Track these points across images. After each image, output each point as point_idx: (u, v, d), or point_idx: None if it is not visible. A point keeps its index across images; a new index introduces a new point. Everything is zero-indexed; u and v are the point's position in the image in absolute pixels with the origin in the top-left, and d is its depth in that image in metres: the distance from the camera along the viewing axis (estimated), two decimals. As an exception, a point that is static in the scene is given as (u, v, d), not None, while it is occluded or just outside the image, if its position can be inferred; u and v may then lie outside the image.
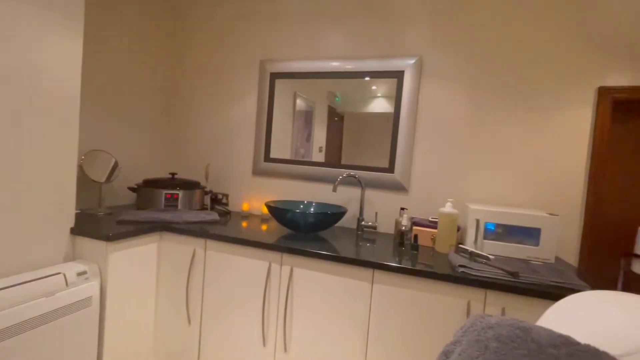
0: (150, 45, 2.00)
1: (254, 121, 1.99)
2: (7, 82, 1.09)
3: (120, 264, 1.34)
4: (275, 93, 1.94)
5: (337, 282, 1.25)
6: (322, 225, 1.49)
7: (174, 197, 1.73)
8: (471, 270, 1.11)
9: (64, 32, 1.24)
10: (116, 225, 1.39)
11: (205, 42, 2.10)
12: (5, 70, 1.08)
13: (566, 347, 0.27)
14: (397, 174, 1.70)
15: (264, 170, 1.96)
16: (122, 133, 1.87)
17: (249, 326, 1.38)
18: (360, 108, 1.78)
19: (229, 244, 1.40)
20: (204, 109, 2.11)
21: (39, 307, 1.08)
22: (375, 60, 1.73)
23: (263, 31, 1.96)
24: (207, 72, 2.10)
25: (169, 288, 1.51)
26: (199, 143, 2.12)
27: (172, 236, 1.50)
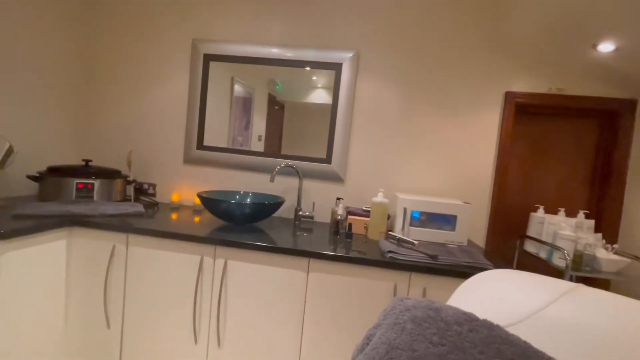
0: (57, 14, 1.69)
1: (186, 105, 1.84)
2: None
3: (16, 266, 1.14)
4: (210, 76, 1.81)
5: (274, 273, 1.25)
6: (259, 216, 1.46)
7: (87, 187, 1.52)
8: (398, 255, 1.20)
9: None
10: (12, 221, 1.18)
11: (126, 13, 1.86)
12: None
13: (468, 323, 0.31)
14: (334, 165, 1.74)
15: (197, 159, 1.83)
16: (18, 113, 1.57)
17: (179, 324, 1.30)
18: (301, 98, 1.77)
19: (156, 238, 1.29)
20: (126, 90, 1.88)
21: None
22: (315, 50, 1.72)
23: (197, 7, 1.81)
24: (128, 48, 1.87)
25: (83, 290, 1.34)
26: (120, 127, 1.89)
27: (86, 231, 1.33)
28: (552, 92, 1.61)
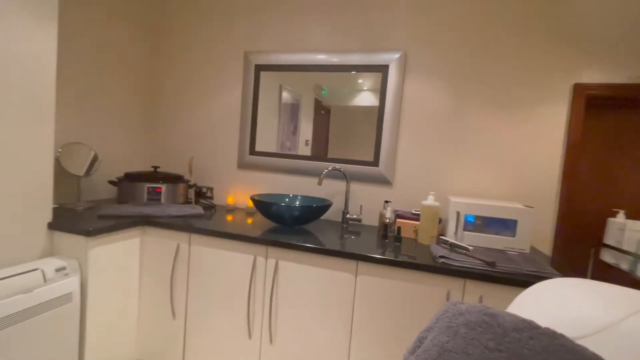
0: (128, 37, 1.93)
1: (239, 114, 1.97)
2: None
3: (101, 260, 1.32)
4: (261, 85, 1.92)
5: (322, 274, 1.27)
6: (307, 219, 1.50)
7: (156, 190, 1.70)
8: (451, 261, 1.15)
9: (36, 24, 1.18)
10: (97, 220, 1.36)
11: (186, 33, 2.05)
12: (-26, 59, 1.03)
13: (528, 330, 0.29)
14: (381, 167, 1.72)
15: (249, 164, 1.94)
16: (101, 126, 1.82)
17: (235, 319, 1.38)
18: (347, 101, 1.79)
19: (214, 237, 1.40)
20: (187, 102, 2.07)
21: (17, 304, 1.05)
22: (361, 54, 1.73)
23: (247, 22, 1.93)
24: (189, 64, 2.05)
25: (153, 283, 1.49)
26: (182, 136, 2.08)
27: (155, 230, 1.48)
28: (632, 82, 1.42)
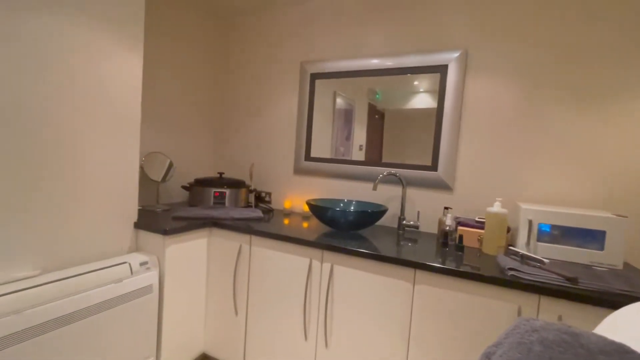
0: (197, 56, 2.15)
1: (295, 121, 2.04)
2: (79, 93, 1.24)
3: (175, 256, 1.47)
4: (316, 93, 1.97)
5: (378, 281, 1.25)
6: (362, 224, 1.49)
7: (222, 195, 1.84)
8: (522, 274, 1.04)
9: (125, 49, 1.38)
10: (172, 221, 1.52)
11: (247, 47, 2.20)
12: (79, 83, 1.24)
13: (618, 354, 0.25)
14: (440, 172, 1.64)
15: (305, 169, 2.00)
16: (176, 137, 2.04)
17: (292, 320, 1.43)
18: (402, 104, 1.75)
19: (272, 240, 1.47)
20: (248, 113, 2.21)
21: (110, 292, 1.22)
22: (417, 55, 1.68)
23: (302, 34, 2.01)
24: (249, 78, 2.20)
25: (218, 280, 1.61)
26: (244, 144, 2.23)
27: (221, 232, 1.60)
28: None
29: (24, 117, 1.09)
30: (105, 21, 1.29)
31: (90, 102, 1.27)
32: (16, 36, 1.05)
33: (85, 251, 1.29)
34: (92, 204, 1.31)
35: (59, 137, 1.18)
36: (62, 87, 1.18)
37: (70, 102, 1.21)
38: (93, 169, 1.30)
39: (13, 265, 1.09)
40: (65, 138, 1.20)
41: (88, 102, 1.26)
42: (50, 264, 1.19)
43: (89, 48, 1.25)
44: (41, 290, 1.05)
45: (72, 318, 1.10)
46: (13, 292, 0.99)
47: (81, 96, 1.24)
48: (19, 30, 1.06)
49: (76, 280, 1.14)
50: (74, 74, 1.21)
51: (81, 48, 1.22)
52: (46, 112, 1.14)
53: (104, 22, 1.29)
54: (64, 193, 1.21)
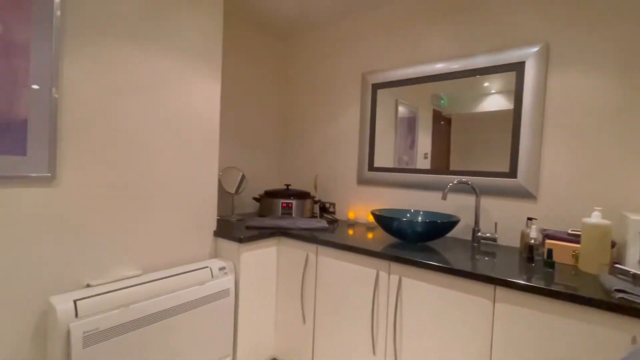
0: (264, 74, 2.32)
1: (358, 132, 2.06)
2: (168, 117, 1.44)
3: (249, 263, 1.57)
4: (377, 103, 1.97)
5: (451, 296, 1.17)
6: (431, 235, 1.42)
7: (289, 206, 1.93)
8: (636, 298, 0.88)
9: (208, 79, 1.56)
10: (245, 230, 1.64)
11: (309, 63, 2.31)
12: (167, 107, 1.43)
13: None
14: (520, 179, 1.49)
15: (369, 179, 1.99)
16: (248, 152, 2.21)
17: (359, 332, 1.40)
18: (470, 108, 1.64)
19: (338, 250, 1.48)
20: (311, 125, 2.30)
21: (195, 293, 1.35)
22: (487, 55, 1.57)
23: (362, 45, 2.03)
24: (312, 92, 2.29)
25: (287, 287, 1.68)
26: (308, 156, 2.31)
27: (288, 241, 1.67)
28: None
29: (127, 140, 1.30)
30: (189, 53, 1.48)
31: (178, 125, 1.46)
32: (115, 65, 1.27)
33: (174, 255, 1.46)
34: (180, 215, 1.48)
35: (153, 159, 1.38)
36: (153, 110, 1.38)
37: (160, 125, 1.40)
38: (180, 184, 1.48)
39: (122, 265, 1.29)
40: (159, 159, 1.39)
41: (175, 124, 1.45)
42: (149, 266, 1.37)
43: (175, 76, 1.44)
44: (142, 288, 1.21)
45: (165, 314, 1.25)
46: (122, 288, 1.17)
47: (169, 120, 1.43)
48: (117, 61, 1.28)
49: (168, 280, 1.30)
50: (163, 99, 1.41)
51: (170, 76, 1.42)
52: (138, 133, 1.34)
53: (188, 54, 1.48)
54: (159, 205, 1.40)
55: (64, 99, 1.12)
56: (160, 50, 1.37)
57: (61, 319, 1.00)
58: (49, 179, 1.09)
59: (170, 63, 1.41)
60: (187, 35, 1.47)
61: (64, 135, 1.12)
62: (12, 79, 1.00)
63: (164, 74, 1.39)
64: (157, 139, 1.38)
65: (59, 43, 1.09)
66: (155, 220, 1.39)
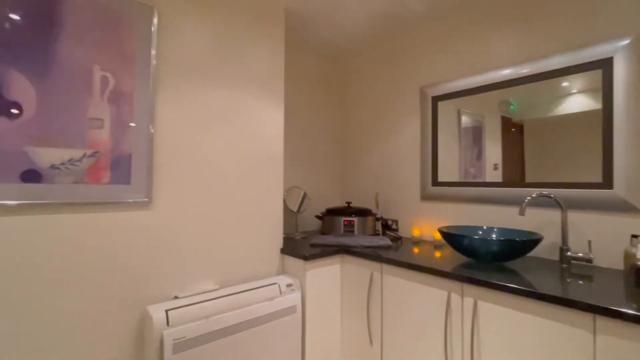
0: (323, 98, 2.41)
1: (419, 147, 2.01)
2: (238, 142, 1.57)
3: (314, 280, 1.60)
4: (438, 115, 1.90)
5: (540, 325, 1.04)
6: (508, 255, 1.29)
7: (351, 223, 1.94)
8: None
9: (272, 106, 1.69)
10: (310, 248, 1.68)
11: (364, 81, 2.34)
12: (238, 135, 1.57)
13: None
14: (618, 190, 1.29)
15: (433, 195, 1.91)
16: (310, 171, 2.30)
17: (431, 356, 1.32)
18: (546, 111, 1.50)
19: (403, 269, 1.43)
20: (370, 143, 2.31)
21: (265, 308, 1.42)
22: (561, 55, 1.44)
23: (418, 59, 2.01)
24: (369, 110, 2.31)
25: (352, 306, 1.66)
26: (368, 173, 2.32)
27: (352, 259, 1.67)
28: None
29: (205, 166, 1.46)
30: (255, 84, 1.63)
31: (247, 150, 1.59)
32: (195, 101, 1.45)
33: (246, 271, 1.57)
34: (251, 233, 1.59)
35: (227, 182, 1.52)
36: (226, 138, 1.53)
37: (232, 151, 1.55)
38: (250, 205, 1.60)
39: (204, 279, 1.42)
40: (231, 182, 1.53)
41: (245, 150, 1.59)
42: (225, 281, 1.49)
43: (244, 106, 1.59)
44: (221, 302, 1.32)
45: (240, 328, 1.33)
46: (204, 301, 1.28)
47: (240, 146, 1.57)
48: (197, 97, 1.45)
49: (242, 295, 1.39)
50: (234, 127, 1.56)
51: (239, 106, 1.57)
52: (214, 160, 1.50)
53: (254, 85, 1.63)
54: (233, 224, 1.53)
55: (157, 133, 1.31)
56: (231, 84, 1.54)
57: (156, 326, 1.14)
58: (146, 204, 1.28)
59: (239, 94, 1.57)
60: (253, 68, 1.62)
61: (156, 165, 1.31)
62: (121, 121, 1.22)
63: (234, 105, 1.55)
64: (229, 164, 1.53)
65: (154, 87, 1.30)
66: (230, 238, 1.52)
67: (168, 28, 1.35)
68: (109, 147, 1.19)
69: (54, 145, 1.08)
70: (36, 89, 1.05)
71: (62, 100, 1.10)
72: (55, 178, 1.09)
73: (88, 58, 1.15)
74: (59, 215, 1.10)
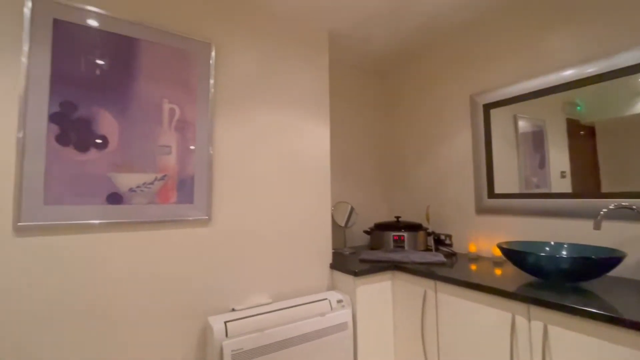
0: (368, 112, 2.43)
1: (471, 157, 1.91)
2: (286, 160, 1.64)
3: (364, 297, 1.58)
4: (492, 123, 1.80)
5: (629, 356, 0.91)
6: (583, 274, 1.16)
7: (400, 238, 1.89)
8: None
9: (318, 123, 1.75)
10: (359, 263, 1.67)
11: (410, 93, 2.31)
12: (286, 153, 1.64)
13: None
14: None
15: (489, 208, 1.79)
16: (356, 186, 2.31)
17: (496, 387, 1.21)
18: (622, 111, 1.34)
19: (460, 287, 1.35)
20: (418, 155, 2.25)
21: (316, 324, 1.43)
22: (635, 49, 1.29)
23: (467, 67, 1.94)
24: (416, 121, 2.27)
25: (405, 325, 1.60)
26: (417, 186, 2.25)
27: (403, 275, 1.62)
28: None
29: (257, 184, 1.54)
30: (301, 102, 1.71)
31: (295, 167, 1.66)
32: (246, 122, 1.55)
33: (296, 286, 1.60)
34: (300, 248, 1.63)
35: (277, 199, 1.59)
36: (275, 156, 1.61)
37: (281, 169, 1.62)
38: (300, 220, 1.64)
39: (257, 293, 1.49)
40: (281, 198, 1.60)
41: (293, 167, 1.65)
42: (276, 294, 1.54)
43: (291, 124, 1.67)
44: (273, 316, 1.36)
45: (292, 342, 1.36)
46: (258, 314, 1.34)
47: (288, 163, 1.64)
48: (248, 118, 1.55)
49: (293, 310, 1.42)
50: (283, 145, 1.63)
51: (287, 125, 1.65)
52: (265, 177, 1.57)
53: (300, 104, 1.70)
54: (283, 240, 1.58)
55: (215, 155, 1.43)
56: (279, 105, 1.63)
57: (216, 337, 1.21)
58: (206, 221, 1.39)
59: (287, 115, 1.65)
60: (300, 87, 1.70)
61: (214, 184, 1.42)
62: (185, 146, 1.35)
63: (282, 124, 1.63)
64: (279, 181, 1.60)
65: (212, 113, 1.43)
66: (281, 253, 1.57)
67: (223, 60, 1.49)
68: (175, 170, 1.32)
69: (132, 171, 1.24)
70: (118, 123, 1.23)
71: (138, 131, 1.26)
72: (133, 199, 1.24)
73: (158, 93, 1.31)
74: (133, 233, 1.24)
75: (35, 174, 1.08)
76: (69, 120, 1.14)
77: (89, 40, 1.19)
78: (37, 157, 1.09)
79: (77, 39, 1.17)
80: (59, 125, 1.13)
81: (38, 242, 1.08)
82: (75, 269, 1.13)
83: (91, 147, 1.17)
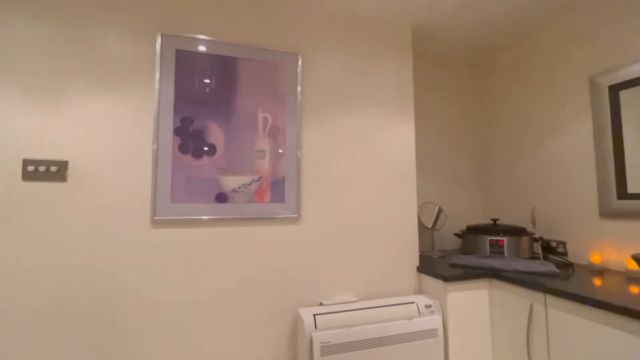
0: (456, 104, 2.25)
1: (592, 150, 1.60)
2: (371, 161, 1.64)
3: (456, 304, 1.47)
4: (621, 107, 1.48)
5: None
6: None
7: (498, 243, 1.70)
8: None
9: (402, 122, 1.70)
10: (449, 268, 1.56)
11: (506, 85, 2.05)
12: (370, 154, 1.64)
13: None
14: None
15: (619, 211, 1.47)
16: (444, 186, 2.17)
17: None
18: None
19: (580, 304, 1.15)
20: (518, 151, 1.99)
21: (403, 327, 1.40)
22: None
23: (582, 45, 1.63)
24: (514, 114, 2.01)
25: (506, 341, 1.43)
26: (519, 186, 1.99)
27: (503, 284, 1.45)
28: None
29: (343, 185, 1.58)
30: (384, 103, 1.68)
31: (379, 167, 1.64)
32: (331, 127, 1.59)
33: (382, 287, 1.59)
34: (386, 249, 1.61)
35: (362, 199, 1.60)
36: (359, 158, 1.62)
37: (365, 170, 1.62)
38: (384, 220, 1.62)
39: (344, 290, 1.53)
40: (366, 198, 1.61)
41: (378, 167, 1.64)
42: (362, 293, 1.55)
43: (374, 126, 1.66)
44: (360, 314, 1.38)
45: (379, 342, 1.35)
46: (345, 310, 1.37)
47: (373, 164, 1.64)
48: (332, 123, 1.60)
49: (380, 310, 1.41)
50: (366, 147, 1.64)
51: (370, 127, 1.65)
52: (349, 178, 1.60)
53: (383, 104, 1.68)
54: (368, 239, 1.59)
55: (303, 157, 1.52)
56: (362, 107, 1.64)
57: (307, 328, 1.29)
58: (296, 219, 1.49)
59: (370, 114, 1.65)
60: (382, 88, 1.68)
61: (303, 185, 1.52)
62: (276, 150, 1.48)
63: (365, 126, 1.64)
64: (364, 182, 1.61)
65: (300, 118, 1.53)
66: (367, 253, 1.58)
67: (308, 67, 1.57)
68: (269, 172, 1.46)
69: (234, 174, 1.41)
70: (223, 132, 1.41)
71: (238, 139, 1.43)
72: (235, 199, 1.41)
73: (254, 104, 1.46)
74: (235, 228, 1.41)
75: (165, 178, 1.33)
76: (187, 132, 1.37)
77: (200, 63, 1.41)
78: (166, 164, 1.33)
79: (192, 63, 1.40)
80: (180, 137, 1.36)
81: (166, 232, 1.33)
82: (193, 258, 1.35)
83: (203, 154, 1.38)
